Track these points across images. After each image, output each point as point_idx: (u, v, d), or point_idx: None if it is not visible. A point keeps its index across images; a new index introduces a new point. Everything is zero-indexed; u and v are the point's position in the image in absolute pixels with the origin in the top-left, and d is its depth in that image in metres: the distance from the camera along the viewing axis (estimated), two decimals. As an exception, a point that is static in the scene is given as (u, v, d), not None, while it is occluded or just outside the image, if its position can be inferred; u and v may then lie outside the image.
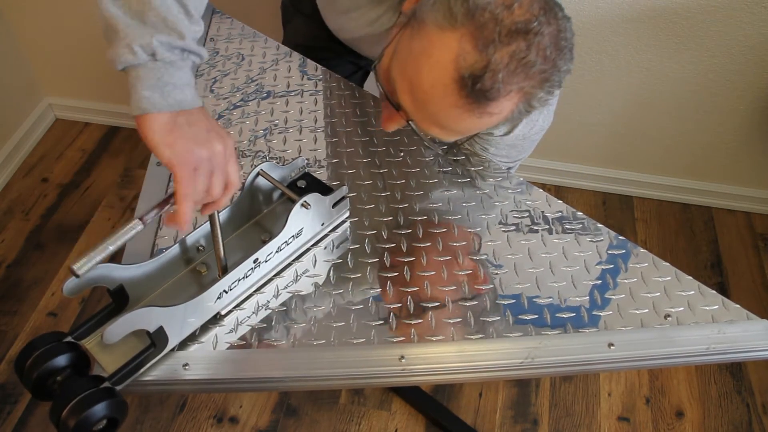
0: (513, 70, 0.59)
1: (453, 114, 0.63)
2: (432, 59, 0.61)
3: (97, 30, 0.61)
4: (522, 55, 0.58)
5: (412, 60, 0.63)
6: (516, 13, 0.58)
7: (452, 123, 0.65)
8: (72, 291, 0.61)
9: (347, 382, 0.70)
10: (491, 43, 0.58)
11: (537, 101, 0.62)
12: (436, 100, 0.62)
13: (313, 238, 0.77)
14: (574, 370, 0.70)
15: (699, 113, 1.58)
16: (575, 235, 0.80)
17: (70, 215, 1.74)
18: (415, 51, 0.62)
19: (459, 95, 0.60)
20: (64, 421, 0.55)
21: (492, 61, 0.58)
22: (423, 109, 0.65)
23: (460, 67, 0.59)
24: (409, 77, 0.64)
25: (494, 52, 0.58)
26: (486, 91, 0.59)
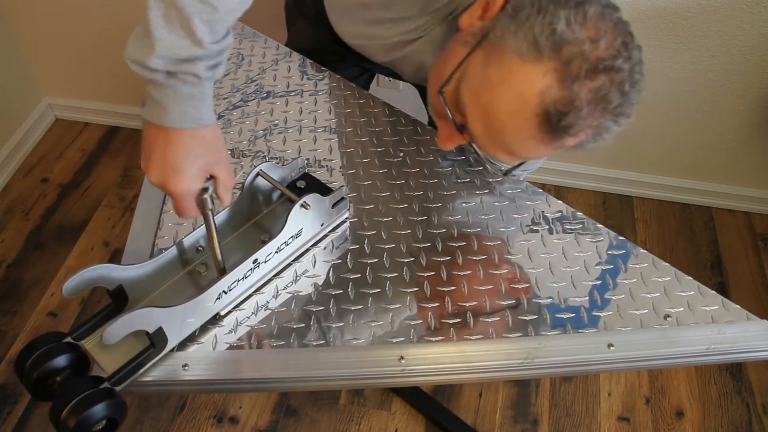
0: (594, 106, 0.59)
1: (527, 144, 0.63)
2: (513, 90, 0.60)
3: (97, 30, 0.61)
4: (604, 92, 0.58)
5: (488, 88, 0.62)
6: (601, 48, 0.57)
7: (524, 152, 0.65)
8: (71, 291, 0.61)
9: (347, 383, 0.70)
10: (577, 79, 0.57)
11: (607, 133, 0.62)
12: (512, 130, 0.62)
13: (312, 238, 0.77)
14: (574, 370, 0.70)
15: (699, 113, 1.58)
16: (575, 235, 0.80)
17: (70, 215, 1.74)
18: (492, 79, 0.61)
19: (539, 129, 0.60)
20: (63, 422, 0.55)
21: (577, 98, 0.58)
22: (495, 137, 0.64)
23: (544, 102, 0.59)
24: (483, 105, 0.63)
25: (580, 90, 0.58)
26: (568, 127, 0.59)
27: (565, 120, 0.59)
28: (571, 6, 0.58)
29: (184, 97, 0.59)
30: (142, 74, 0.58)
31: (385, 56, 0.91)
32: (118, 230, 1.71)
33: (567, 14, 0.57)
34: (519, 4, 0.61)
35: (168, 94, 0.59)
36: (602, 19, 0.58)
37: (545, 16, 0.58)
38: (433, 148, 0.91)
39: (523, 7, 0.60)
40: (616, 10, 0.61)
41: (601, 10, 0.59)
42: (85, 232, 1.70)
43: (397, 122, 0.95)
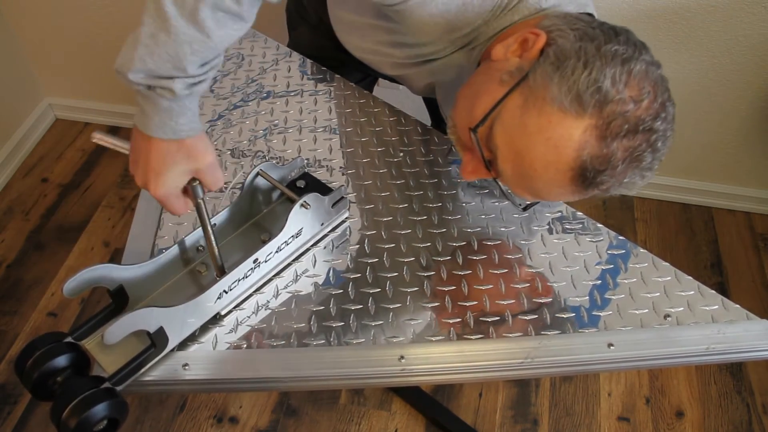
0: (628, 165, 0.59)
1: (556, 192, 0.63)
2: (551, 142, 0.59)
3: (98, 30, 0.62)
4: (639, 152, 0.59)
5: (525, 135, 0.61)
6: (642, 109, 0.58)
7: (550, 197, 0.66)
8: (72, 292, 0.62)
9: (347, 382, 0.70)
10: (616, 138, 0.57)
11: (633, 187, 0.63)
12: (544, 179, 0.62)
13: (312, 238, 0.78)
14: (574, 370, 0.70)
15: (699, 113, 1.58)
16: (575, 235, 0.80)
17: (70, 215, 1.74)
18: (529, 127, 0.60)
19: (572, 182, 0.61)
20: (64, 422, 0.55)
21: (614, 156, 0.58)
22: (524, 181, 0.64)
23: (581, 158, 0.59)
24: (517, 150, 0.62)
25: (617, 149, 0.58)
26: (601, 183, 0.60)
27: (600, 177, 0.60)
28: (618, 63, 0.58)
29: (163, 110, 0.59)
30: (125, 84, 0.59)
31: (393, 71, 0.90)
32: (118, 230, 1.71)
33: (613, 73, 0.57)
34: (563, 52, 0.60)
35: (149, 105, 0.59)
36: (646, 77, 0.59)
37: (591, 72, 0.57)
38: (433, 147, 0.91)
39: (568, 57, 0.59)
40: (658, 68, 0.61)
41: (645, 68, 0.59)
42: (85, 232, 1.70)
43: (397, 122, 0.95)
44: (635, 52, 0.59)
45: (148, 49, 0.56)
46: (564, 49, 0.60)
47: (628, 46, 0.59)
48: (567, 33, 0.61)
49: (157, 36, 0.56)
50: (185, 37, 0.56)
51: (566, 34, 0.61)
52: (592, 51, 0.58)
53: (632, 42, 0.60)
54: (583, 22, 0.63)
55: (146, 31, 0.56)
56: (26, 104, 1.91)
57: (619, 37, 0.60)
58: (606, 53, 0.58)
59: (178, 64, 0.57)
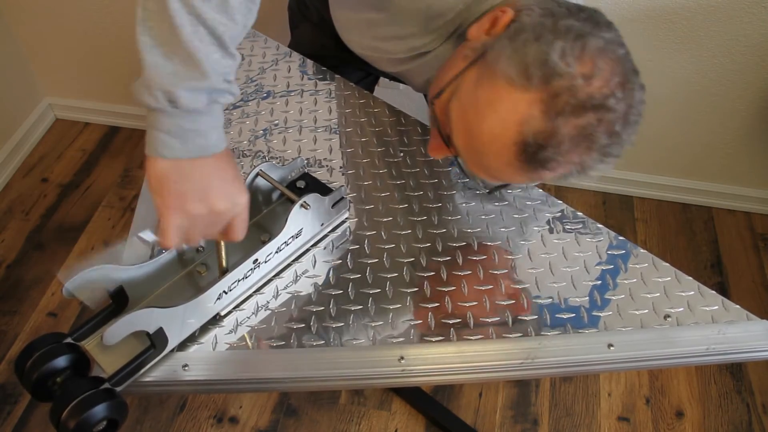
0: (577, 144, 0.57)
1: (505, 170, 0.62)
2: (496, 115, 0.58)
3: (97, 30, 0.62)
4: (590, 131, 0.56)
5: (475, 108, 0.61)
6: (593, 86, 0.55)
7: (502, 176, 0.64)
8: (72, 292, 0.61)
9: (347, 383, 0.70)
10: (561, 114, 0.55)
11: (592, 170, 0.61)
12: (491, 154, 0.61)
13: (312, 238, 0.77)
14: (574, 370, 0.70)
15: (699, 113, 1.58)
16: (575, 235, 0.80)
17: (70, 215, 1.74)
18: (480, 100, 0.60)
19: (516, 158, 0.59)
20: (64, 423, 0.55)
21: (558, 133, 0.56)
22: (476, 157, 0.64)
23: (524, 132, 0.57)
24: (468, 123, 0.62)
25: (563, 124, 0.56)
26: (546, 161, 0.58)
27: (542, 153, 0.57)
28: (571, 38, 0.56)
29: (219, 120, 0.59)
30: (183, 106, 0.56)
31: (393, 68, 0.90)
32: (118, 230, 1.71)
33: (563, 46, 0.55)
34: (521, 26, 0.59)
35: (207, 122, 0.58)
36: (601, 55, 0.56)
37: (541, 44, 0.56)
38: (433, 148, 0.91)
39: (523, 30, 0.58)
40: (620, 47, 0.58)
41: (603, 45, 0.56)
42: (85, 232, 1.70)
43: (397, 122, 0.95)
44: (594, 28, 0.57)
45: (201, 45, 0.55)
46: (524, 24, 0.59)
47: (588, 23, 0.57)
48: (534, 11, 0.60)
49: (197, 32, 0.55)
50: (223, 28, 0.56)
51: (533, 11, 0.60)
52: (549, 26, 0.57)
53: (595, 20, 0.58)
54: (555, 2, 0.62)
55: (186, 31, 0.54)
56: (26, 104, 1.91)
57: (581, 14, 0.58)
58: (560, 27, 0.57)
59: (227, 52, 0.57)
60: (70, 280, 0.61)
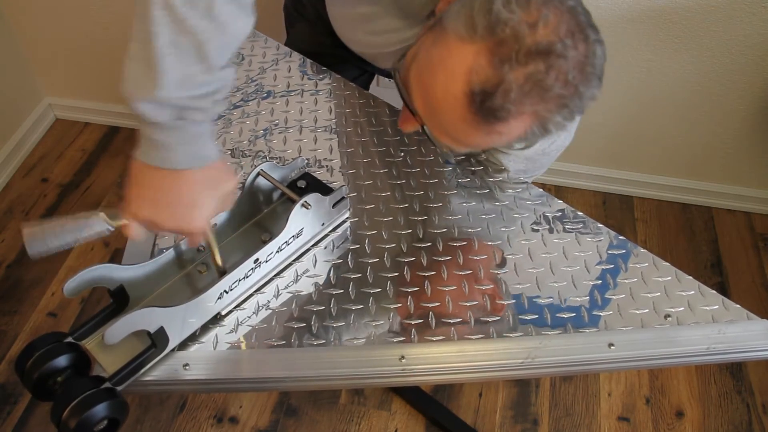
0: (527, 91, 0.56)
1: (461, 128, 0.61)
2: (447, 69, 0.58)
3: (98, 30, 0.61)
4: (539, 77, 0.55)
5: (428, 67, 0.61)
6: (540, 33, 0.54)
7: (461, 136, 0.63)
8: (72, 292, 0.62)
9: (347, 382, 0.70)
10: (507, 61, 0.55)
11: (553, 125, 0.60)
12: (446, 111, 0.60)
13: (313, 238, 0.78)
14: (574, 370, 0.70)
15: (699, 113, 1.58)
16: (575, 235, 0.80)
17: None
18: (433, 58, 0.60)
19: (468, 110, 0.58)
20: (65, 422, 0.55)
21: (505, 80, 0.55)
22: (434, 118, 0.63)
23: (471, 82, 0.56)
24: (424, 83, 0.62)
25: (509, 71, 0.55)
26: (495, 110, 0.57)
27: (490, 101, 0.56)
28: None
29: (192, 137, 0.58)
30: (145, 116, 0.55)
31: (389, 63, 0.90)
32: (118, 230, 1.70)
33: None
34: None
35: (174, 136, 0.57)
36: (547, 4, 0.55)
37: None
38: (433, 148, 0.91)
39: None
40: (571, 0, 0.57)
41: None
42: (85, 232, 1.70)
43: (397, 122, 0.95)
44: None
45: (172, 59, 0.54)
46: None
47: None
48: None
49: (178, 41, 0.54)
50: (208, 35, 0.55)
51: None
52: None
53: None
54: None
55: (162, 42, 0.53)
56: (26, 104, 1.90)
57: None
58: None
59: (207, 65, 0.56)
60: (70, 280, 0.61)
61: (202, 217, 0.61)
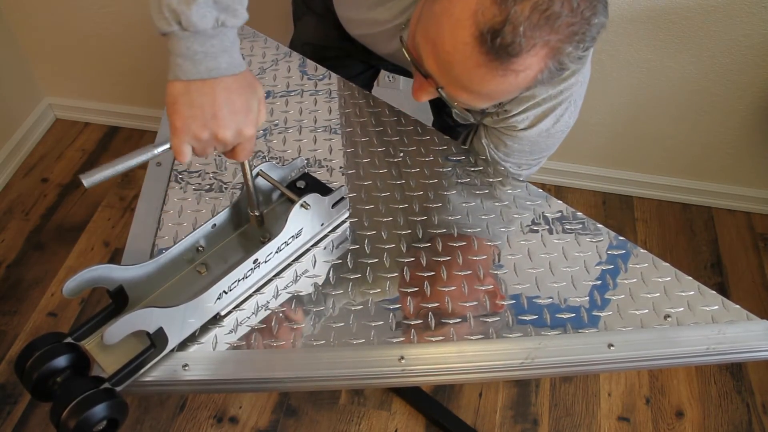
0: (535, 22, 0.55)
1: (477, 75, 0.60)
2: (452, 18, 0.58)
3: (97, 30, 0.61)
4: (544, 6, 0.55)
5: (434, 21, 0.61)
6: None
7: (477, 85, 0.63)
8: (72, 292, 0.61)
9: (347, 383, 0.70)
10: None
11: (567, 57, 0.59)
12: (458, 61, 0.60)
13: (312, 238, 0.77)
14: (574, 370, 0.70)
15: (699, 113, 1.58)
16: (575, 236, 0.80)
17: (70, 215, 1.74)
18: (436, 12, 0.60)
19: (480, 53, 0.58)
20: (64, 422, 0.55)
21: (511, 13, 0.55)
22: (448, 73, 0.63)
23: (478, 23, 0.56)
24: (432, 40, 0.62)
25: (513, 4, 0.55)
26: (507, 45, 0.56)
27: (500, 37, 0.56)
28: None
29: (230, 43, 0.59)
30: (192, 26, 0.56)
31: (389, 45, 0.90)
32: (118, 230, 1.71)
33: None
34: None
35: (216, 44, 0.58)
36: None
37: None
38: (433, 148, 0.91)
39: None
40: None
41: None
42: (85, 232, 1.70)
43: (397, 122, 0.95)
44: None
45: None
46: None
47: None
48: None
49: None
50: None
51: None
52: None
53: None
54: None
55: None
56: (26, 104, 1.90)
57: None
58: None
59: None
60: (69, 280, 0.61)
61: (254, 121, 0.62)
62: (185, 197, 0.83)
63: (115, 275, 0.65)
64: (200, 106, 0.59)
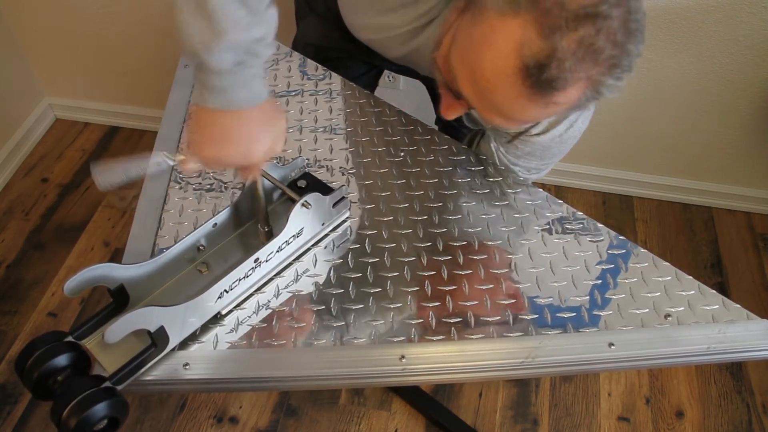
0: (581, 57, 0.55)
1: (517, 104, 0.61)
2: (494, 47, 0.58)
3: (98, 30, 0.62)
4: (590, 41, 0.55)
5: (472, 48, 0.60)
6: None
7: (516, 113, 0.63)
8: (73, 291, 0.62)
9: (347, 382, 0.70)
10: (557, 29, 0.54)
11: (605, 88, 0.59)
12: (499, 90, 0.60)
13: (313, 237, 0.78)
14: (574, 370, 0.70)
15: (699, 113, 1.58)
16: (575, 235, 0.80)
17: (70, 215, 1.74)
18: (475, 38, 0.60)
19: (523, 85, 0.58)
20: (65, 421, 0.55)
21: (558, 48, 0.55)
22: (485, 99, 0.63)
23: (523, 56, 0.56)
24: (470, 66, 0.61)
25: (560, 39, 0.54)
26: (552, 81, 0.56)
27: (546, 73, 0.56)
28: None
29: (251, 79, 0.60)
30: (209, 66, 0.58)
31: (400, 49, 0.89)
32: (118, 230, 1.71)
33: None
34: None
35: (233, 81, 0.59)
36: None
37: None
38: (434, 147, 0.91)
39: None
40: None
41: None
42: (85, 232, 1.70)
43: (398, 122, 0.95)
44: None
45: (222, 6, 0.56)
46: None
47: None
48: None
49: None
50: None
51: None
52: None
53: None
54: None
55: None
56: (26, 104, 1.90)
57: None
58: None
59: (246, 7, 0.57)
60: (70, 279, 0.61)
61: (260, 151, 0.64)
62: (186, 197, 0.84)
63: (116, 274, 0.65)
64: (212, 130, 0.62)
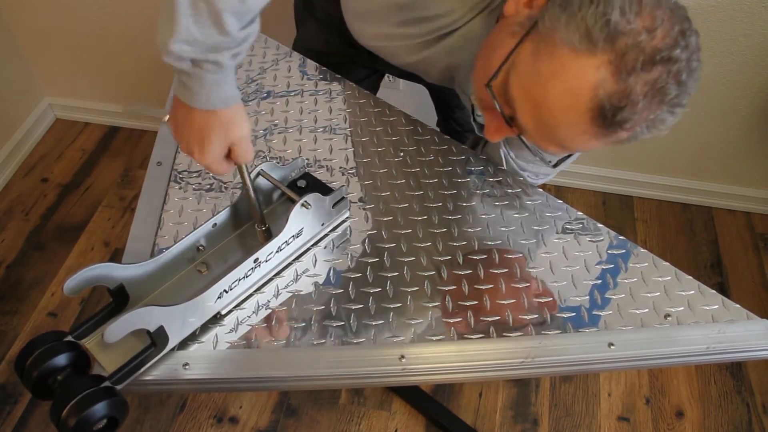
0: (651, 99, 0.57)
1: (581, 139, 0.61)
2: (565, 85, 0.58)
3: (97, 30, 0.62)
4: (661, 84, 0.56)
5: (539, 82, 0.60)
6: (658, 38, 0.55)
7: (577, 146, 0.64)
8: (73, 290, 0.62)
9: (347, 382, 0.70)
10: (633, 72, 0.55)
11: (663, 124, 0.60)
12: (565, 126, 0.60)
13: (313, 237, 0.78)
14: (574, 370, 0.70)
15: (699, 113, 1.58)
16: (575, 235, 0.80)
17: (70, 215, 1.74)
18: (543, 73, 0.59)
19: (593, 124, 0.58)
20: (64, 421, 0.55)
21: (633, 91, 0.56)
22: (547, 131, 0.63)
23: (598, 97, 0.57)
24: (534, 99, 0.61)
25: (635, 83, 0.56)
26: (623, 122, 0.58)
27: (620, 114, 0.57)
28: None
29: (209, 84, 0.60)
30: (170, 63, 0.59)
31: (410, 57, 0.88)
32: (118, 230, 1.71)
33: (621, 3, 0.55)
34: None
35: (194, 81, 0.60)
36: (658, 6, 0.56)
37: (599, 5, 0.56)
38: (434, 148, 0.91)
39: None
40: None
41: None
42: (85, 232, 1.70)
43: (398, 122, 0.95)
44: None
45: (190, 20, 0.56)
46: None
47: None
48: None
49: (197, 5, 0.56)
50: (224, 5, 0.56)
51: None
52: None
53: None
54: None
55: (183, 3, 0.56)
56: (26, 104, 1.91)
57: None
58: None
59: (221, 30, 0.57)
60: (70, 279, 0.61)
61: (209, 152, 0.64)
62: (186, 197, 0.84)
63: (116, 274, 0.65)
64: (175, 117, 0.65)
